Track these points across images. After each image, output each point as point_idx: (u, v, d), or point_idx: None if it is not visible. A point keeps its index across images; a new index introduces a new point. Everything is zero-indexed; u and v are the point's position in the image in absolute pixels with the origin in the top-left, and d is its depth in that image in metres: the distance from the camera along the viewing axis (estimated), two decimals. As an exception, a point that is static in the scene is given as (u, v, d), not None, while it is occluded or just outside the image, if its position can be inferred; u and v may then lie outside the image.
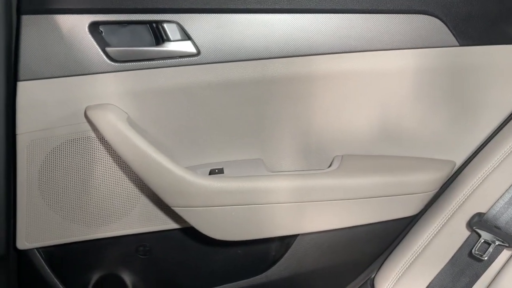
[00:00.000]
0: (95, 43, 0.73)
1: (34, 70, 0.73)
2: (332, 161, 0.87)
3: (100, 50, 0.74)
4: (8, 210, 0.79)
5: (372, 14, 0.78)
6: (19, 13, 0.71)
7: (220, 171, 0.84)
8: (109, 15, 0.74)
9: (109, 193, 0.82)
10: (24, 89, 0.74)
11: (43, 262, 0.87)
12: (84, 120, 0.76)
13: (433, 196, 0.88)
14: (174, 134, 0.82)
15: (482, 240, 0.78)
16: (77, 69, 0.74)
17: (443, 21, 0.79)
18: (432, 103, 0.85)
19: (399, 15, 0.79)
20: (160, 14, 0.74)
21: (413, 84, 0.83)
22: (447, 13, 0.79)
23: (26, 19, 0.72)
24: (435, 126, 0.87)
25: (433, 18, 0.79)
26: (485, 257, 0.77)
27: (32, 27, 0.72)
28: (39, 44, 0.72)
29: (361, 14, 0.78)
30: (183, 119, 0.81)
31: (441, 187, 0.89)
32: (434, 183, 0.86)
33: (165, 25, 0.75)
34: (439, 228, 0.85)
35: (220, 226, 0.81)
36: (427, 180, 0.85)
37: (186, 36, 0.75)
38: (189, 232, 0.87)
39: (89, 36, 0.73)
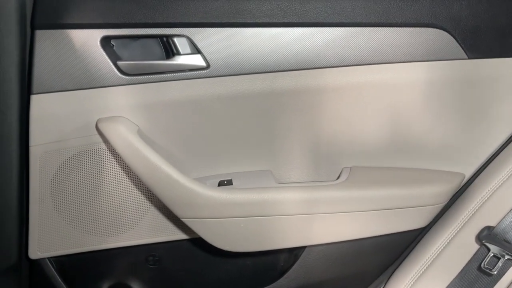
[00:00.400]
0: (106, 57, 0.75)
1: (47, 83, 0.75)
2: (341, 173, 0.88)
3: (111, 63, 0.75)
4: (21, 220, 0.80)
5: (380, 28, 0.79)
6: (33, 28, 0.73)
7: (229, 182, 0.84)
8: (121, 29, 0.75)
9: (119, 203, 0.83)
10: (37, 102, 0.75)
11: (54, 272, 0.88)
12: (96, 132, 0.78)
13: (442, 209, 0.88)
14: (184, 146, 0.83)
15: (492, 254, 0.77)
16: (89, 82, 0.75)
17: (451, 35, 0.79)
18: (441, 116, 0.85)
19: (408, 28, 0.79)
20: (171, 29, 0.76)
21: (422, 96, 0.83)
22: (455, 26, 0.79)
23: (39, 33, 0.73)
24: (444, 139, 0.87)
25: (442, 31, 0.79)
26: (494, 271, 0.76)
27: (46, 42, 0.73)
28: (52, 58, 0.74)
29: (369, 28, 0.79)
30: (192, 131, 0.82)
31: (450, 200, 0.89)
32: (443, 196, 0.85)
33: (175, 39, 0.76)
34: (448, 241, 0.85)
35: (229, 237, 0.81)
36: (436, 192, 0.84)
37: (196, 50, 0.77)
38: (198, 242, 0.88)
39: (101, 50, 0.74)
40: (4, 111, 0.73)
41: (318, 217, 0.82)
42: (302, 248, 0.89)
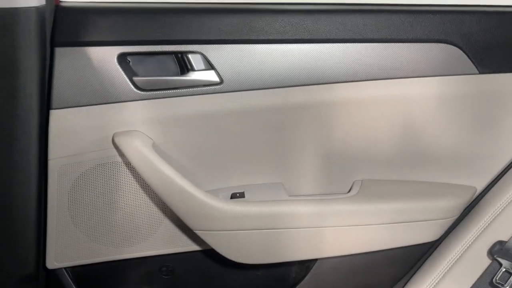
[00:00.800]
0: (123, 73, 0.77)
1: (65, 98, 0.77)
2: (352, 186, 0.88)
3: (127, 79, 0.77)
4: (39, 231, 0.83)
5: (391, 43, 0.80)
6: (53, 46, 0.76)
7: (241, 195, 0.86)
8: (137, 46, 0.77)
9: (134, 215, 0.85)
10: (56, 116, 0.78)
11: (71, 281, 0.90)
12: (112, 146, 0.80)
13: (453, 222, 0.88)
14: (197, 159, 0.84)
15: (503, 269, 0.77)
16: (106, 97, 0.78)
17: (462, 50, 0.80)
18: (452, 129, 0.85)
19: (419, 44, 0.80)
20: (185, 45, 0.78)
21: (433, 110, 0.84)
22: (466, 42, 0.80)
23: (59, 51, 0.76)
24: (455, 152, 0.87)
25: (453, 46, 0.80)
26: (507, 286, 0.76)
27: (65, 59, 0.76)
28: (71, 74, 0.76)
29: (380, 43, 0.80)
30: (206, 144, 0.83)
31: (462, 213, 0.89)
32: (455, 209, 0.86)
33: (190, 56, 0.78)
34: (460, 255, 0.85)
35: (241, 249, 0.83)
36: (447, 206, 0.85)
37: (210, 66, 0.78)
38: (211, 254, 0.89)
39: (118, 66, 0.77)
40: (25, 125, 0.75)
41: (329, 230, 0.82)
42: (314, 260, 0.90)
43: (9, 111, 0.74)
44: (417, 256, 0.92)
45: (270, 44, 0.79)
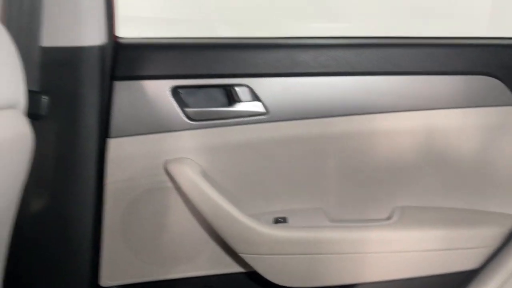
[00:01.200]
0: (175, 105, 0.82)
1: (122, 128, 0.83)
2: (392, 212, 0.90)
3: (180, 110, 0.83)
4: (95, 251, 0.88)
5: (431, 76, 0.82)
6: (112, 79, 0.82)
7: (284, 220, 0.89)
8: (188, 80, 0.83)
9: (181, 237, 0.90)
10: (113, 144, 0.83)
11: None
12: (164, 172, 0.85)
13: (495, 251, 0.89)
14: (242, 184, 0.89)
15: (546, 300, 0.77)
16: (160, 127, 0.83)
17: (502, 82, 0.82)
18: (492, 158, 0.86)
19: (460, 76, 0.82)
20: (233, 79, 0.83)
21: (473, 140, 0.85)
22: (506, 74, 0.81)
23: (118, 84, 0.82)
24: (495, 180, 0.88)
25: (493, 79, 0.82)
26: (550, 317, 0.76)
27: (123, 91, 0.82)
28: (128, 105, 0.82)
29: (421, 76, 0.82)
30: (251, 171, 0.87)
31: (504, 242, 0.89)
32: (496, 238, 0.86)
33: (237, 88, 0.83)
34: (501, 284, 0.85)
35: (284, 272, 0.86)
36: (488, 234, 0.86)
37: (256, 98, 0.83)
38: (254, 276, 0.92)
39: (171, 98, 0.82)
40: (84, 152, 0.82)
41: (370, 256, 0.85)
42: (354, 285, 0.92)
43: (71, 139, 0.80)
44: (457, 284, 0.93)
45: (314, 77, 0.83)
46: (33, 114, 0.67)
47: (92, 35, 0.75)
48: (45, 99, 0.73)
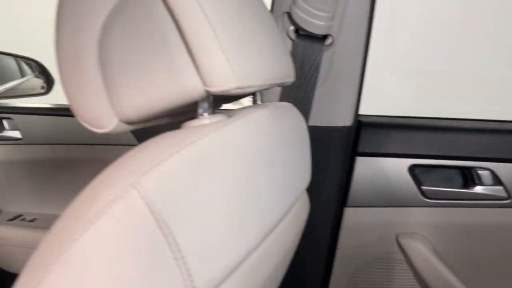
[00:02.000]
0: (412, 182, 0.87)
1: (359, 199, 0.90)
2: None
3: (416, 187, 0.87)
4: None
5: None
6: (354, 155, 0.90)
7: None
8: (426, 159, 0.86)
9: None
10: (349, 213, 0.91)
11: None
12: (395, 243, 0.89)
13: None
14: (472, 266, 0.88)
15: None
16: (395, 201, 0.88)
17: None
18: None
19: None
20: (474, 162, 0.84)
21: None
22: None
23: (359, 159, 0.90)
24: None
25: None
26: None
27: (363, 166, 0.89)
28: (366, 179, 0.89)
29: None
30: (480, 253, 0.87)
31: None
32: None
33: (479, 171, 0.84)
34: None
35: None
36: None
37: (499, 182, 0.83)
38: None
39: (408, 176, 0.87)
40: (322, 217, 0.91)
41: None
42: None
43: (311, 203, 0.90)
44: None
45: None
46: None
47: (344, 117, 0.84)
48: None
